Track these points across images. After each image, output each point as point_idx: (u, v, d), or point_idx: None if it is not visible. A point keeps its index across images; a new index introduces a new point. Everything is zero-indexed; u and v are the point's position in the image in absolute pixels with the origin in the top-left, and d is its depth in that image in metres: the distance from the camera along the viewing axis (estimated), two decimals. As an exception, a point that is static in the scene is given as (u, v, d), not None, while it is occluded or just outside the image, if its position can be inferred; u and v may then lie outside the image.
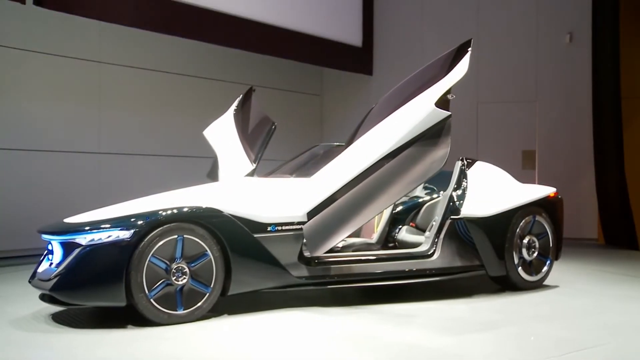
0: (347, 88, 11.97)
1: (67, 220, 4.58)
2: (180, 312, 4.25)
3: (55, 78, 8.58)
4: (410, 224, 6.04)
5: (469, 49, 4.66)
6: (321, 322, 4.46)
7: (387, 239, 5.96)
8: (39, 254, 7.56)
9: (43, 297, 4.45)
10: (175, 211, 4.34)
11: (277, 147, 9.34)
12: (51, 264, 4.44)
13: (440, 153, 4.56)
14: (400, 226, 6.04)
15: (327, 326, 4.36)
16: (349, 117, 11.48)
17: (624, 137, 9.31)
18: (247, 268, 4.56)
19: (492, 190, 5.69)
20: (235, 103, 6.66)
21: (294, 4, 10.12)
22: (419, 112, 4.59)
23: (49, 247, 4.52)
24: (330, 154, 6.02)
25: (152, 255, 4.17)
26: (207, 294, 4.36)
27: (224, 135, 6.44)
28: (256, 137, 6.12)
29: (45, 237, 4.53)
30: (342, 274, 5.00)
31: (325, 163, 5.58)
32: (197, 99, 9.87)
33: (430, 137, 4.58)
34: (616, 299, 5.40)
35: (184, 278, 4.27)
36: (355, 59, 11.23)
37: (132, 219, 4.24)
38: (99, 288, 4.10)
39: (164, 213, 4.30)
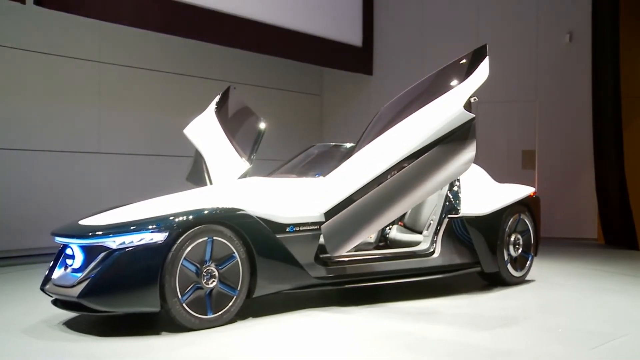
0: (347, 88, 11.95)
1: (82, 222, 4.38)
2: (210, 316, 4.15)
3: (55, 78, 8.46)
4: (399, 223, 6.06)
5: (486, 54, 4.64)
6: (346, 322, 4.41)
7: (379, 238, 5.99)
8: (39, 254, 7.55)
9: (55, 303, 4.30)
10: (205, 212, 4.22)
11: (277, 147, 9.33)
12: (66, 267, 4.25)
13: (467, 156, 4.53)
14: (390, 226, 6.03)
15: (354, 326, 4.31)
16: (349, 117, 11.52)
17: (624, 137, 9.33)
18: (271, 270, 4.49)
19: (483, 189, 5.87)
20: (215, 101, 6.50)
21: (294, 4, 10.07)
22: (445, 113, 4.54)
23: (68, 251, 4.28)
24: (330, 154, 6.00)
25: (184, 258, 4.05)
26: (235, 297, 4.27)
27: (209, 134, 6.25)
28: (246, 135, 5.98)
29: (63, 240, 4.30)
30: (358, 273, 5.02)
31: (328, 163, 5.54)
32: (196, 99, 9.68)
33: (456, 139, 4.53)
34: (613, 293, 5.53)
35: (213, 281, 4.17)
36: (355, 59, 11.20)
37: (164, 221, 4.09)
38: (132, 293, 3.93)
39: (195, 214, 4.17)
